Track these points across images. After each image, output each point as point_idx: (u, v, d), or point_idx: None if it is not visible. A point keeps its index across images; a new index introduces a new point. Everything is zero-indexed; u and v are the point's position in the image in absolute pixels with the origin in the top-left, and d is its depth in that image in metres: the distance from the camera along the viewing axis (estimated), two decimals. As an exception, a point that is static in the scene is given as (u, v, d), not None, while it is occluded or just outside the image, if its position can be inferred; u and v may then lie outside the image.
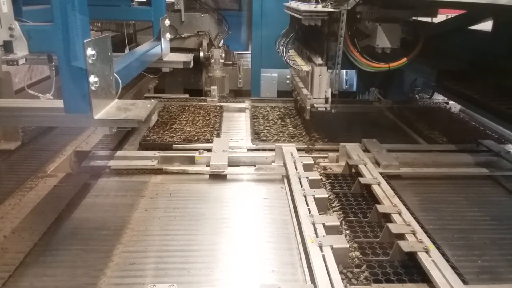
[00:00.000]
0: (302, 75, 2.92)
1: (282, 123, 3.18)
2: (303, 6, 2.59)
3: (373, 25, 2.46)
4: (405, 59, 2.54)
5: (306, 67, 2.74)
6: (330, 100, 2.56)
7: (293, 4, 2.92)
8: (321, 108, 2.59)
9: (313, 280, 1.44)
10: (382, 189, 2.04)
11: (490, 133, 3.06)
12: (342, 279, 1.44)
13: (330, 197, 2.06)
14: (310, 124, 3.04)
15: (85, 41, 1.33)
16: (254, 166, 2.41)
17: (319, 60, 2.56)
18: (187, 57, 3.10)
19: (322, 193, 1.96)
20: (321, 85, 2.57)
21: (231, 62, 4.45)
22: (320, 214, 1.80)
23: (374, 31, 2.46)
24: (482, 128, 3.17)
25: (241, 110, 3.55)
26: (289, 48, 3.17)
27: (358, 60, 2.49)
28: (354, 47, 2.47)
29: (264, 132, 2.96)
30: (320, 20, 2.46)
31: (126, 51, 3.70)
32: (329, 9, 2.40)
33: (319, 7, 2.46)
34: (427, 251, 1.54)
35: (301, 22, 2.67)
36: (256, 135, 2.91)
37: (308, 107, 2.61)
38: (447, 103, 3.74)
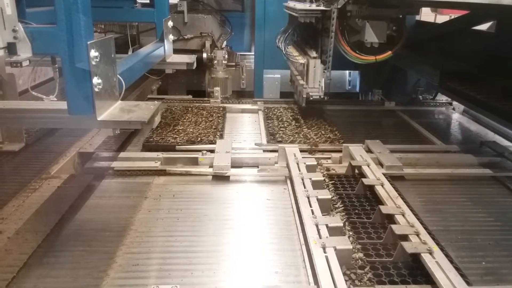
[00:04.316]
0: (299, 68, 3.15)
1: (296, 124, 3.15)
2: (299, 5, 2.88)
3: (362, 22, 2.76)
4: (390, 52, 2.83)
5: (302, 60, 2.97)
6: (323, 89, 2.84)
7: (291, 4, 3.19)
8: (315, 96, 2.86)
9: (316, 282, 1.44)
10: (386, 190, 2.03)
11: (494, 133, 3.05)
12: (346, 281, 1.43)
13: (333, 198, 2.05)
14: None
15: (88, 42, 1.34)
16: (257, 167, 2.41)
17: (313, 54, 2.84)
18: (190, 58, 3.11)
19: (325, 194, 1.96)
20: (315, 76, 2.85)
21: (234, 63, 4.45)
22: (323, 215, 1.80)
23: (363, 28, 2.76)
24: (486, 128, 3.16)
25: (244, 111, 3.55)
26: (288, 44, 3.37)
27: (348, 53, 2.78)
28: (345, 42, 2.77)
29: (280, 133, 2.94)
30: (314, 18, 2.75)
31: (130, 52, 3.73)
32: (322, 7, 2.70)
33: (313, 6, 2.76)
34: (430, 252, 1.54)
35: (298, 20, 2.90)
36: (272, 136, 2.89)
37: (304, 95, 2.90)
38: (450, 103, 3.73)
